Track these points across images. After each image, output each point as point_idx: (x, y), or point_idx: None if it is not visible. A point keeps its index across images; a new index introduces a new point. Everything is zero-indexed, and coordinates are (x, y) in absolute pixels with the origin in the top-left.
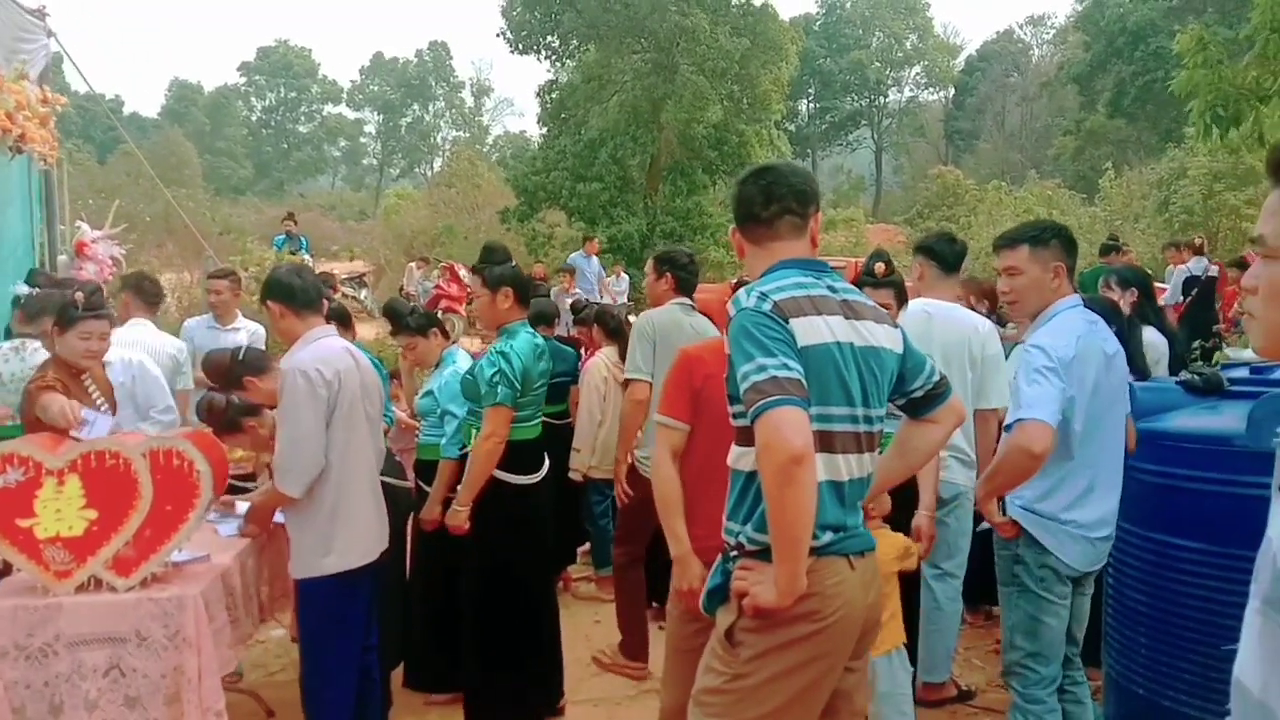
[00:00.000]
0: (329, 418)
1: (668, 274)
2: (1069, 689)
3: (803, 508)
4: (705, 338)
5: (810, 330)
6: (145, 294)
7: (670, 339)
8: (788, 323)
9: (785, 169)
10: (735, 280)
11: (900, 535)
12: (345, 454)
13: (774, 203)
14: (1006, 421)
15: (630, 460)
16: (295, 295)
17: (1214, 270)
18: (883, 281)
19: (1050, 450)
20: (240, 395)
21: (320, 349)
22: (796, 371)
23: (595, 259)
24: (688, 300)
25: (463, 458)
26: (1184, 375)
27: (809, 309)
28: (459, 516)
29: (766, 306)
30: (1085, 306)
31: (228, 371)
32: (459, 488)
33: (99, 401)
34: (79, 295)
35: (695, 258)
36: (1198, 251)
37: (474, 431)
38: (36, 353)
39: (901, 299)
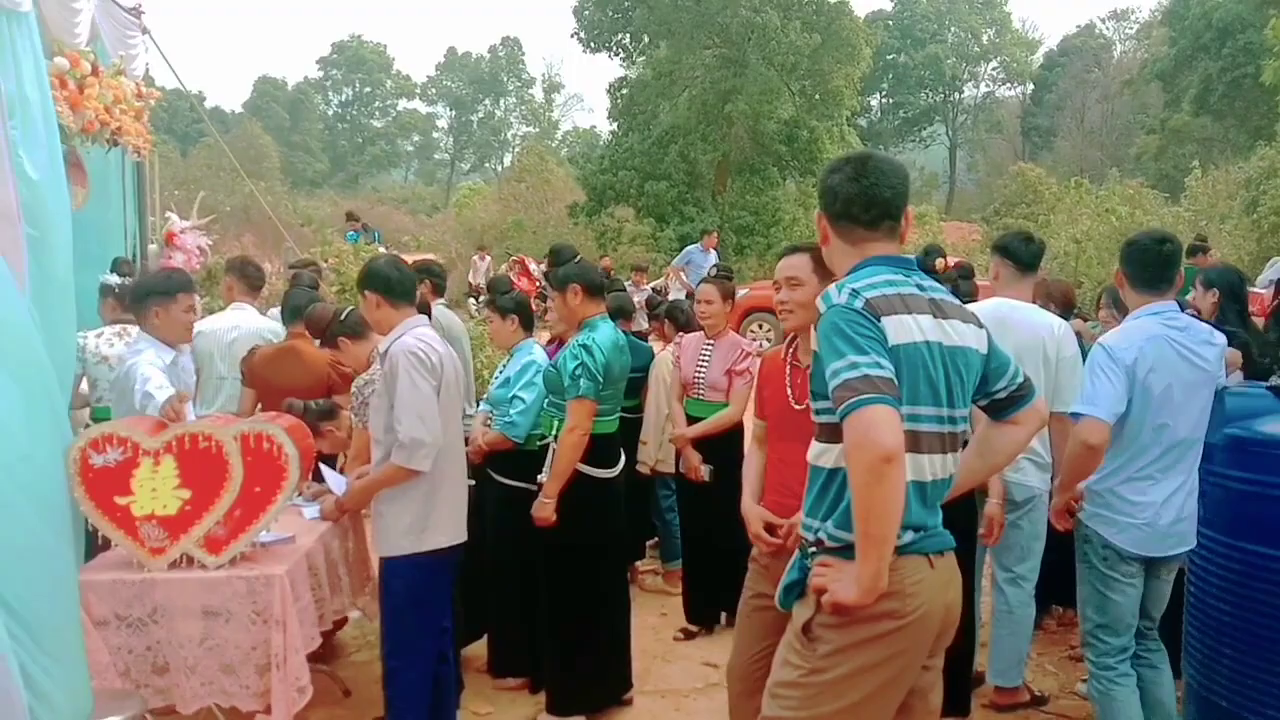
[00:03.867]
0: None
1: (426, 280)
2: (1143, 655)
3: (891, 507)
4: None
5: (901, 329)
6: (249, 278)
7: (453, 332)
8: (879, 321)
9: (885, 168)
10: None
11: None
12: (445, 435)
13: (875, 207)
14: (1071, 410)
15: None
16: (393, 287)
17: None
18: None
19: (1106, 443)
20: (331, 352)
21: (422, 334)
22: (889, 370)
23: (714, 253)
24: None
25: (542, 449)
26: (1275, 380)
27: (899, 307)
28: (546, 508)
29: (858, 304)
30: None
31: (327, 327)
32: (545, 479)
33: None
34: None
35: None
36: None
37: (554, 422)
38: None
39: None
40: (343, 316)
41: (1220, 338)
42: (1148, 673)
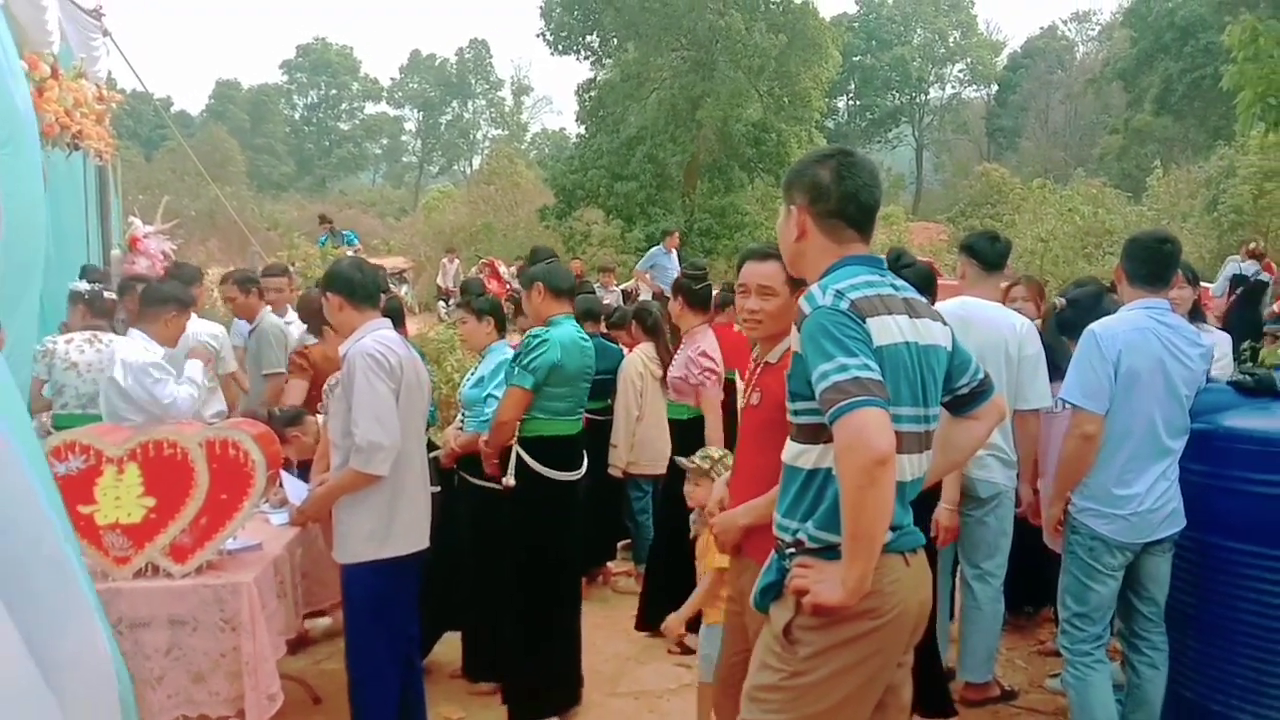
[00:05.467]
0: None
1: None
2: (1147, 652)
3: (882, 509)
4: None
5: (884, 330)
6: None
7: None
8: (864, 322)
9: (869, 167)
10: None
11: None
12: (405, 440)
13: (864, 210)
14: (1060, 395)
15: None
16: (355, 289)
17: (1265, 276)
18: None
19: (1101, 433)
20: (320, 343)
21: (381, 337)
22: (877, 372)
23: (675, 254)
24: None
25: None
26: (1235, 375)
27: (881, 308)
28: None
29: (844, 305)
30: None
31: (316, 313)
32: (510, 481)
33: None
34: None
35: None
36: (1254, 256)
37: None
38: (112, 344)
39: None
40: None
41: (1207, 339)
42: (1146, 670)
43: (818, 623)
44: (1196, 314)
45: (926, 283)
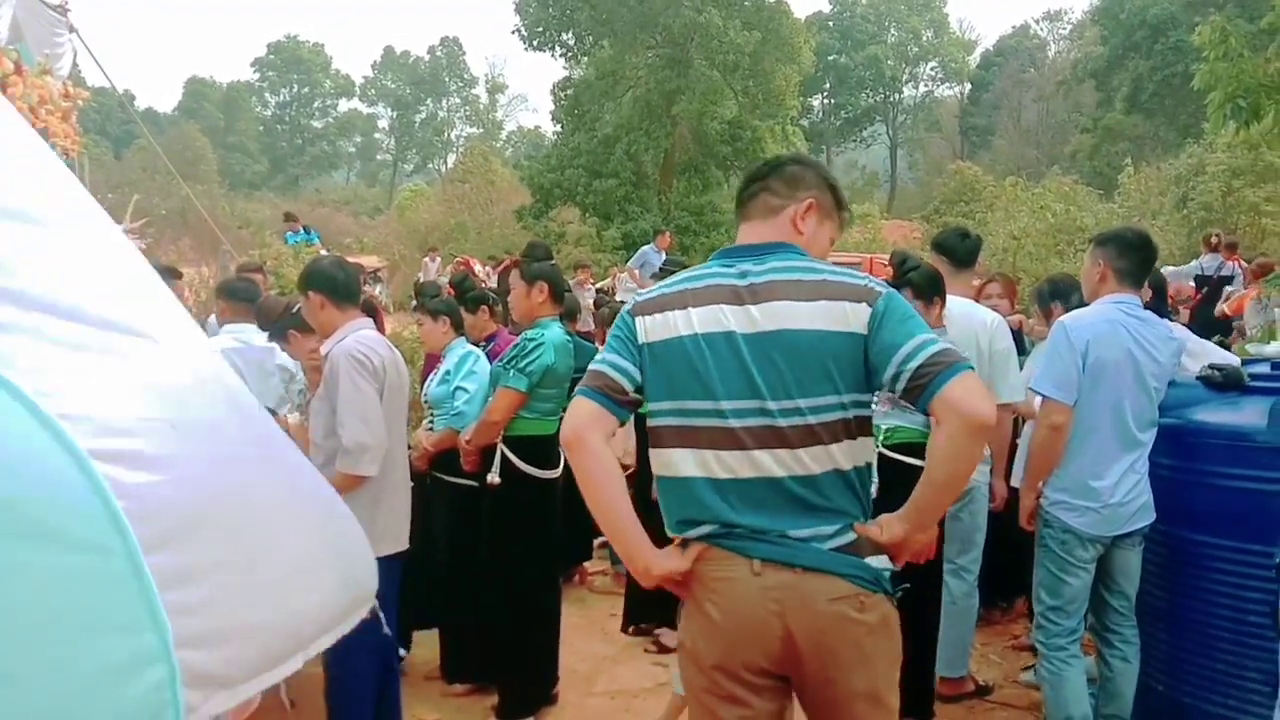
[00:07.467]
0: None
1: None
2: (1119, 646)
3: (590, 490)
4: None
5: (657, 326)
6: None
7: None
8: (634, 320)
9: (794, 158)
10: None
11: None
12: (389, 440)
13: (754, 181)
14: (1029, 385)
15: None
16: (337, 287)
17: (1226, 270)
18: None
19: (1069, 424)
20: (282, 345)
21: (364, 337)
22: (607, 365)
23: (665, 253)
24: None
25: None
26: (1204, 370)
27: (670, 304)
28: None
29: (629, 307)
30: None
31: (278, 318)
32: (494, 479)
33: None
34: None
35: None
36: (1213, 249)
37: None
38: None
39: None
40: (294, 309)
41: (1180, 334)
42: (1118, 664)
43: (680, 610)
44: (1164, 311)
45: (932, 284)
